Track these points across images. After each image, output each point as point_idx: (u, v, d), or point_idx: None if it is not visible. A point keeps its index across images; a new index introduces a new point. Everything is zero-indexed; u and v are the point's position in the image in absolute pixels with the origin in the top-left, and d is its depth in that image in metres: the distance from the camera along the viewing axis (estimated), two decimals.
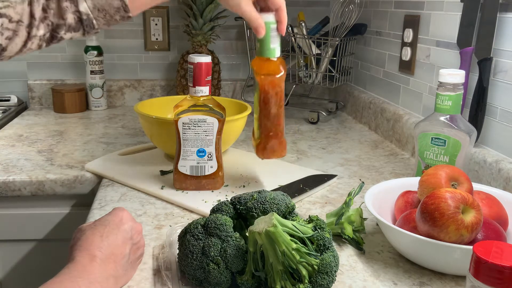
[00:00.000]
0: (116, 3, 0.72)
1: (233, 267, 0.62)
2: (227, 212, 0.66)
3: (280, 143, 0.90)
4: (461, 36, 1.02)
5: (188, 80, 0.90)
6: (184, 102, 0.91)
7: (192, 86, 0.89)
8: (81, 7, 0.70)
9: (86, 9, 0.70)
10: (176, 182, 0.94)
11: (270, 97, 0.86)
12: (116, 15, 0.73)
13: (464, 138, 0.86)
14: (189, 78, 0.90)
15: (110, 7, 0.72)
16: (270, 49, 0.84)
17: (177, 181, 0.94)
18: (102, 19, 0.73)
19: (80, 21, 0.71)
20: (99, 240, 0.62)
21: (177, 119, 0.91)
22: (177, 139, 0.92)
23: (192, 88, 0.89)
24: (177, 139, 0.92)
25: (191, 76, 0.89)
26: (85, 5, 0.70)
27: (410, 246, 0.70)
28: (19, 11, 0.66)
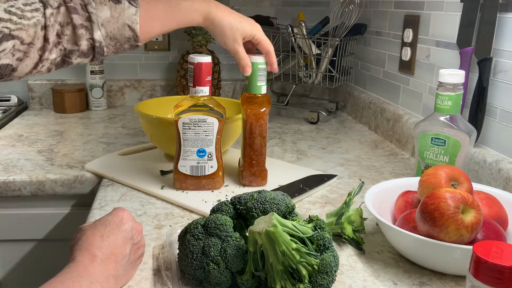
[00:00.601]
0: (127, 33, 0.76)
1: (233, 267, 0.62)
2: (227, 212, 0.66)
3: (261, 171, 0.98)
4: (461, 36, 1.02)
5: (188, 80, 0.91)
6: (184, 102, 0.91)
7: (192, 86, 0.90)
8: (96, 35, 0.73)
9: (100, 37, 0.73)
10: (176, 182, 0.95)
11: (254, 128, 0.94)
12: (126, 44, 0.77)
13: (464, 138, 0.86)
14: (189, 78, 0.90)
15: (122, 37, 0.76)
16: (257, 86, 0.93)
17: (177, 181, 0.94)
18: (113, 47, 0.76)
19: (93, 48, 0.74)
20: (100, 240, 0.62)
21: (177, 119, 0.91)
22: (177, 139, 0.93)
23: (192, 88, 0.90)
24: (177, 139, 0.93)
25: (191, 76, 0.89)
26: (99, 33, 0.73)
27: (410, 246, 0.70)
28: (31, 33, 0.68)
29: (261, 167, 0.98)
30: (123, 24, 0.75)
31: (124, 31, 0.75)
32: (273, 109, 1.68)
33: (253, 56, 0.92)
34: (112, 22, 0.74)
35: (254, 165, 0.97)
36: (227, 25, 0.86)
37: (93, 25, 0.72)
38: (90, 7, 0.72)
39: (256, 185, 0.98)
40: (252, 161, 0.97)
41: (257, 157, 0.96)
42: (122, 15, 0.74)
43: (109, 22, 0.74)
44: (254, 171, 0.97)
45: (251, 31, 0.89)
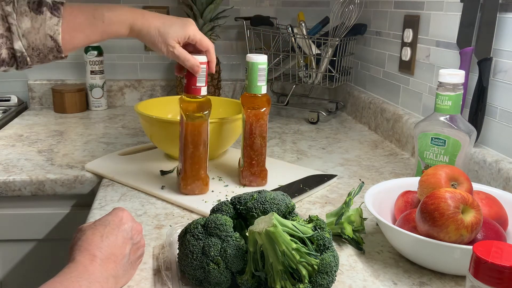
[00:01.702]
0: (50, 43, 0.76)
1: (233, 267, 0.62)
2: (227, 212, 0.66)
3: (261, 171, 0.98)
4: (461, 36, 1.02)
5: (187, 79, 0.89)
6: (188, 103, 0.89)
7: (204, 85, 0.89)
8: (16, 45, 0.74)
9: (21, 47, 0.74)
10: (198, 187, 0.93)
11: (254, 128, 0.94)
12: (49, 54, 0.78)
13: (464, 138, 0.86)
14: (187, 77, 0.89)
15: (44, 47, 0.76)
16: (257, 86, 0.93)
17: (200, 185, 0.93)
18: (36, 57, 0.77)
19: (14, 57, 0.74)
20: (99, 240, 0.62)
21: (202, 122, 0.89)
22: (203, 139, 0.91)
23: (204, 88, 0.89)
24: (202, 140, 0.91)
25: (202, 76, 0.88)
26: (20, 44, 0.74)
27: (410, 246, 0.70)
28: None
29: (261, 167, 0.98)
30: (44, 35, 0.75)
31: (46, 41, 0.75)
32: (273, 109, 1.68)
33: (253, 56, 0.92)
34: (33, 32, 0.75)
35: (254, 165, 0.97)
36: (155, 32, 0.83)
37: (13, 36, 0.73)
38: (11, 18, 0.73)
39: (256, 185, 0.98)
40: (252, 161, 0.97)
41: (257, 157, 0.96)
42: (44, 26, 0.75)
43: (30, 32, 0.75)
44: (254, 171, 0.97)
45: (184, 33, 0.85)
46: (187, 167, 0.91)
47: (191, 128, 0.89)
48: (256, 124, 0.94)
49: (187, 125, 0.89)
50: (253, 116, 0.94)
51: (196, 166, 0.91)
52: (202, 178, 0.92)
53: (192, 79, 0.87)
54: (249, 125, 0.94)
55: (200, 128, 0.89)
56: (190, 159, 0.90)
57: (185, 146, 0.89)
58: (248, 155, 0.96)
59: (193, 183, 0.92)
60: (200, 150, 0.90)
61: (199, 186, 0.92)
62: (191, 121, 0.88)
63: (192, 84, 0.87)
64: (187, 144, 0.89)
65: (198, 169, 0.91)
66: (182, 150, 0.90)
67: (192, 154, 0.90)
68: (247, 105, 0.94)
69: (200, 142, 0.90)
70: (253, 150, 0.96)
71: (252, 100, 0.93)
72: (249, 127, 0.95)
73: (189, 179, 0.91)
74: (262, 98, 0.94)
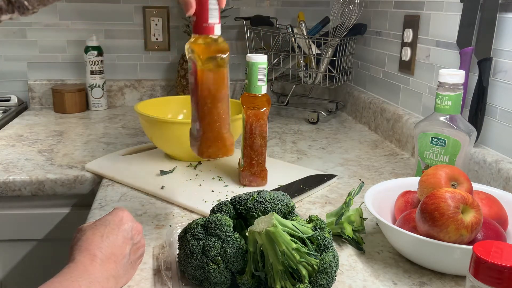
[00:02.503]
0: None
1: (233, 267, 0.62)
2: (227, 212, 0.66)
3: (261, 171, 0.98)
4: (461, 36, 1.02)
5: None
6: (202, 45, 0.71)
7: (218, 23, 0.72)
8: None
9: None
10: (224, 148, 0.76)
11: (254, 128, 0.94)
12: None
13: (464, 138, 0.86)
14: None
15: None
16: (257, 86, 0.92)
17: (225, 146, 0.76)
18: (35, 0, 0.69)
19: (10, 3, 0.69)
20: (100, 240, 0.62)
21: (222, 67, 0.72)
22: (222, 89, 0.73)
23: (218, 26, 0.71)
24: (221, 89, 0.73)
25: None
26: None
27: (410, 246, 0.70)
28: None
29: (261, 167, 0.98)
30: None
31: None
32: (273, 109, 1.68)
33: (253, 56, 0.92)
34: None
35: (254, 165, 0.97)
36: None
37: None
38: None
39: (256, 185, 0.98)
40: (252, 161, 0.97)
41: (257, 157, 0.96)
42: None
43: None
44: (254, 171, 0.97)
45: None
46: (205, 127, 0.73)
47: (208, 77, 0.71)
48: (256, 124, 0.94)
49: (201, 74, 0.71)
50: (253, 116, 0.94)
51: (216, 124, 0.73)
52: (225, 137, 0.74)
53: (203, 15, 0.70)
54: (249, 125, 0.94)
55: (219, 75, 0.72)
56: (209, 116, 0.72)
57: (201, 101, 0.72)
58: (248, 155, 0.96)
59: (215, 144, 0.74)
60: (221, 104, 0.73)
61: (223, 148, 0.75)
62: (208, 67, 0.71)
63: (203, 21, 0.70)
64: (203, 98, 0.72)
65: (220, 127, 0.73)
66: (197, 106, 0.73)
67: (210, 111, 0.72)
68: (247, 105, 0.93)
69: (220, 94, 0.72)
70: (253, 150, 0.96)
71: (252, 100, 0.93)
72: (249, 127, 0.95)
73: (209, 140, 0.74)
74: (262, 98, 0.93)
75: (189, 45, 0.72)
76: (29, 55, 1.67)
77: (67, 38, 1.68)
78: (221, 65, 0.71)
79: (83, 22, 1.67)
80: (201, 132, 0.74)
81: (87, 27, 1.67)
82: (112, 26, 1.69)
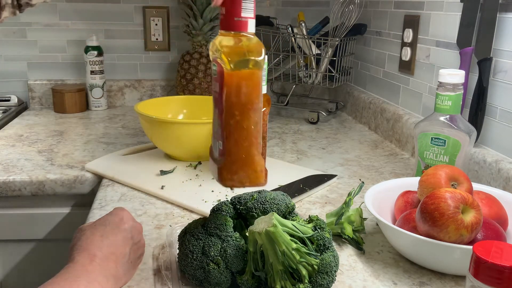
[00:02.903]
0: None
1: (233, 267, 0.62)
2: (227, 212, 0.66)
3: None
4: (461, 36, 1.02)
5: None
6: (233, 43, 0.59)
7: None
8: None
9: None
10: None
11: None
12: None
13: (464, 138, 0.86)
14: None
15: None
16: None
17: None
18: None
19: None
20: (99, 240, 0.62)
21: (256, 72, 0.59)
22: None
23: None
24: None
25: None
26: None
27: (410, 246, 0.70)
28: None
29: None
30: None
31: None
32: (273, 109, 1.68)
33: None
34: None
35: None
36: None
37: None
38: None
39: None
40: None
41: None
42: None
43: None
44: None
45: None
46: (230, 146, 0.59)
47: (238, 83, 0.58)
48: None
49: (230, 79, 0.57)
50: None
51: (245, 143, 0.59)
52: (255, 161, 0.60)
53: (234, 6, 0.57)
54: None
55: (252, 81, 0.58)
56: (236, 132, 0.58)
57: (227, 113, 0.58)
58: None
59: (242, 169, 0.60)
60: (252, 118, 0.58)
61: (252, 174, 0.60)
62: (238, 71, 0.57)
63: (234, 14, 0.57)
64: (231, 109, 0.58)
65: (249, 147, 0.59)
66: (222, 119, 0.59)
67: (238, 126, 0.58)
68: None
69: (252, 105, 0.58)
70: None
71: None
72: None
73: (235, 164, 0.59)
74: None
75: (215, 43, 0.59)
76: (29, 55, 1.67)
77: (67, 38, 1.68)
78: (254, 69, 0.58)
79: (83, 22, 1.67)
80: (224, 153, 0.59)
81: (87, 27, 1.67)
82: (112, 26, 1.69)
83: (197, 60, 1.55)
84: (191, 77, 1.56)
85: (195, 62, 1.55)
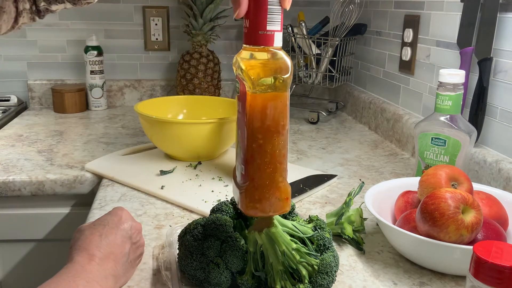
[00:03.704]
0: None
1: (233, 267, 0.62)
2: (227, 212, 0.66)
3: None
4: (461, 36, 1.02)
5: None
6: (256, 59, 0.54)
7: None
8: None
9: None
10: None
11: None
12: None
13: (464, 138, 0.86)
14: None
15: None
16: None
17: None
18: None
19: None
20: (98, 240, 0.62)
21: (281, 93, 0.55)
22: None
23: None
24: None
25: None
26: None
27: (410, 246, 0.70)
28: None
29: None
30: None
31: None
32: None
33: None
34: None
35: None
36: None
37: None
38: None
39: None
40: None
41: None
42: None
43: None
44: None
45: None
46: (253, 172, 0.56)
47: (262, 105, 0.54)
48: None
49: (253, 100, 0.54)
50: None
51: (269, 169, 0.56)
52: (280, 188, 0.57)
53: (259, 18, 0.52)
54: None
55: (277, 102, 0.55)
56: (259, 157, 0.55)
57: (250, 137, 0.55)
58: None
59: (265, 197, 0.56)
60: (276, 142, 0.55)
61: (276, 203, 0.57)
62: (262, 91, 0.54)
63: (259, 28, 0.53)
64: (253, 132, 0.55)
65: (273, 173, 0.56)
66: (244, 143, 0.56)
67: (261, 150, 0.55)
68: None
69: (277, 128, 0.55)
70: None
71: None
72: None
73: (258, 191, 0.56)
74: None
75: (237, 59, 0.55)
76: (29, 55, 1.67)
77: (67, 38, 1.68)
78: (280, 88, 0.54)
79: (83, 22, 1.67)
80: (247, 179, 0.56)
81: (87, 27, 1.67)
82: (112, 26, 1.69)
83: (197, 60, 1.55)
84: (191, 77, 1.55)
85: (195, 62, 1.55)
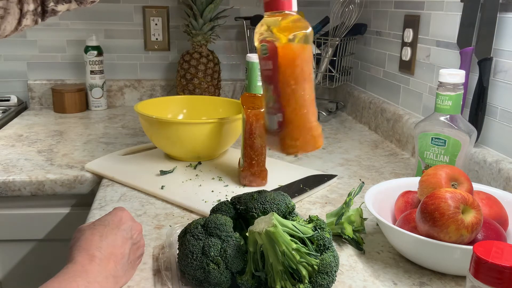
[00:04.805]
0: None
1: (233, 267, 0.62)
2: (227, 212, 0.66)
3: (261, 171, 0.97)
4: (461, 36, 1.02)
5: None
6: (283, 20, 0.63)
7: None
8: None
9: None
10: None
11: (254, 128, 0.94)
12: None
13: (464, 138, 0.86)
14: None
15: None
16: (257, 86, 0.93)
17: None
18: None
19: None
20: (99, 240, 0.62)
21: (306, 44, 0.63)
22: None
23: None
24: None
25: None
26: None
27: (410, 246, 0.70)
28: None
29: (261, 167, 0.98)
30: None
31: None
32: None
33: (253, 56, 0.92)
34: None
35: (254, 165, 0.97)
36: None
37: None
38: None
39: (256, 185, 0.98)
40: (252, 161, 0.96)
41: (257, 157, 0.96)
42: None
43: None
44: (254, 171, 0.97)
45: None
46: (289, 115, 0.62)
47: (292, 55, 0.62)
48: (256, 124, 0.94)
49: (284, 52, 0.61)
50: (253, 116, 0.94)
51: (303, 110, 0.62)
52: (313, 127, 0.63)
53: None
54: (249, 125, 0.94)
55: (305, 52, 0.62)
56: (294, 101, 0.62)
57: (283, 83, 0.62)
58: (248, 155, 0.96)
59: (302, 136, 0.63)
60: (308, 86, 0.63)
61: (311, 140, 0.63)
62: (291, 43, 0.61)
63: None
64: (286, 79, 0.62)
65: (307, 115, 0.63)
66: (277, 92, 0.62)
67: (295, 94, 0.62)
68: (247, 105, 0.93)
69: (306, 75, 0.62)
70: (253, 150, 0.95)
71: (252, 100, 0.93)
72: (249, 127, 0.94)
73: (296, 131, 0.62)
74: (262, 98, 0.93)
75: (263, 24, 0.63)
76: (29, 55, 1.67)
77: (67, 38, 1.68)
78: (306, 41, 0.62)
79: (83, 22, 1.67)
80: (284, 124, 0.62)
81: (87, 27, 1.67)
82: (112, 26, 1.69)
83: (197, 60, 1.55)
84: (191, 77, 1.56)
85: (195, 62, 1.55)
